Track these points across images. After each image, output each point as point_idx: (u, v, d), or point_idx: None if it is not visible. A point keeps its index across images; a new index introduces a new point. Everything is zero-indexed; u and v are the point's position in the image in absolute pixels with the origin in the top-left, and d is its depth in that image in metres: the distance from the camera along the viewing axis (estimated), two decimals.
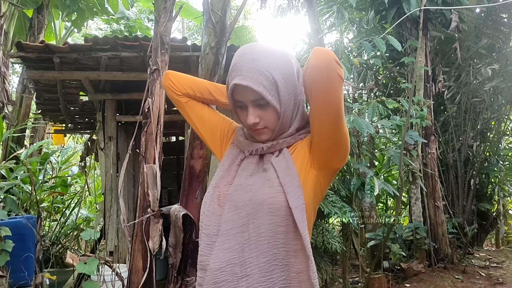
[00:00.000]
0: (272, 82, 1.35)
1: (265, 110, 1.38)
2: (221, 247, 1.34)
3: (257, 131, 1.42)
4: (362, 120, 4.10)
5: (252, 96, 1.36)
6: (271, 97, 1.35)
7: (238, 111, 1.44)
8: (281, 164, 1.37)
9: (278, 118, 1.39)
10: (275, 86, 1.36)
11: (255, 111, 1.38)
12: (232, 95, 1.41)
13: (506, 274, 5.59)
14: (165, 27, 3.18)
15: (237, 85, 1.36)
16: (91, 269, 3.10)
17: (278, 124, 1.40)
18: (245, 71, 1.35)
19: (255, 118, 1.38)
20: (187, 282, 2.87)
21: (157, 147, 3.18)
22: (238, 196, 1.37)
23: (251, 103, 1.37)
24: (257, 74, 1.34)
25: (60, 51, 4.72)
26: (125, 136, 5.95)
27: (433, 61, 6.53)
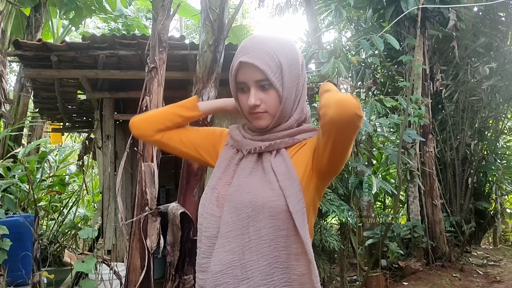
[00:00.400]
0: (277, 64, 1.36)
1: (267, 93, 1.37)
2: (221, 249, 1.34)
3: (256, 115, 1.39)
4: None
5: (256, 76, 1.36)
6: (275, 79, 1.36)
7: (239, 95, 1.42)
8: (281, 168, 1.35)
9: (280, 104, 1.39)
10: (280, 69, 1.36)
11: (257, 92, 1.37)
12: (235, 76, 1.40)
13: (503, 272, 5.60)
14: (163, 25, 3.17)
15: (243, 63, 1.36)
16: (89, 267, 3.10)
17: (279, 110, 1.38)
18: (252, 51, 1.36)
19: (256, 100, 1.36)
20: (185, 281, 2.86)
21: (155, 146, 3.17)
22: (238, 197, 1.35)
23: (254, 84, 1.37)
24: (263, 54, 1.35)
25: (57, 49, 4.70)
26: (123, 135, 5.93)
27: (431, 60, 6.54)
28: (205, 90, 2.91)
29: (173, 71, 4.92)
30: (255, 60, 1.35)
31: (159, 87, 3.18)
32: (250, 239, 1.32)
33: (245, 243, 1.32)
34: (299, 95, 1.43)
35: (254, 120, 1.41)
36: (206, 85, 2.92)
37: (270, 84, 1.36)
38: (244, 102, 1.41)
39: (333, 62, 4.39)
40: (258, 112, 1.38)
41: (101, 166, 5.64)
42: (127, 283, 3.14)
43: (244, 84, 1.39)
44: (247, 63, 1.36)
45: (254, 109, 1.38)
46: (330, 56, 4.73)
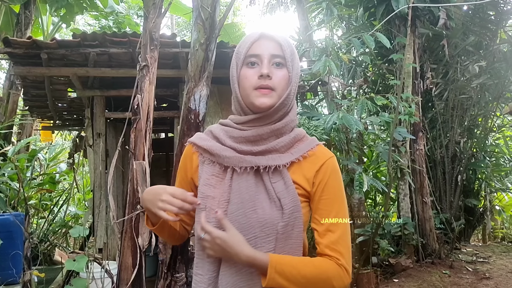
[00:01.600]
0: (292, 51, 1.40)
1: (280, 70, 1.37)
2: (228, 271, 1.32)
3: (264, 91, 1.34)
4: (351, 117, 4.13)
5: (273, 50, 1.37)
6: (290, 59, 1.38)
7: (246, 70, 1.38)
8: (280, 185, 1.33)
9: (287, 87, 1.38)
10: (293, 56, 1.40)
11: (270, 66, 1.36)
12: (248, 49, 1.38)
13: (492, 269, 5.66)
14: (155, 23, 3.17)
15: (264, 35, 1.39)
16: (80, 266, 3.10)
17: (286, 92, 1.37)
18: (272, 32, 1.41)
19: (269, 71, 1.34)
20: (177, 278, 2.87)
21: (146, 144, 3.17)
22: (243, 216, 1.32)
23: (268, 57, 1.36)
24: (283, 37, 1.40)
25: (47, 47, 4.68)
26: (114, 133, 5.92)
27: (421, 58, 6.57)
28: (197, 88, 2.91)
29: (164, 69, 4.93)
30: (277, 36, 1.39)
31: (150, 85, 3.18)
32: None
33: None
34: (295, 92, 1.43)
35: (259, 97, 1.34)
36: (198, 84, 2.92)
37: (283, 64, 1.37)
38: (250, 76, 1.36)
39: (324, 61, 4.41)
40: (266, 87, 1.34)
41: (92, 164, 5.62)
42: (119, 282, 3.14)
43: (257, 57, 1.37)
44: (269, 37, 1.39)
45: (265, 80, 1.34)
46: (321, 54, 4.75)
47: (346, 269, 1.31)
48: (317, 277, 1.27)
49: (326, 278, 1.28)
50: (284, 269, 1.25)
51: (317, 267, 1.29)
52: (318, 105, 7.55)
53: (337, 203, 1.38)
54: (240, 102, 1.39)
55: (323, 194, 1.36)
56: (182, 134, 2.93)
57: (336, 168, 1.41)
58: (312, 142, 1.43)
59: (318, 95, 6.76)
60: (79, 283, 3.16)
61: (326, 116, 4.40)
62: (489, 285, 5.07)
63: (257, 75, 1.34)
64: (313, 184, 1.37)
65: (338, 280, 1.30)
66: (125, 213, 3.21)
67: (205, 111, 2.92)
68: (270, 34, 1.39)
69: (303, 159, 1.38)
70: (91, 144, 5.51)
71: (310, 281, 1.26)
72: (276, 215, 1.30)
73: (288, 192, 1.32)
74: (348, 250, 1.35)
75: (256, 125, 1.38)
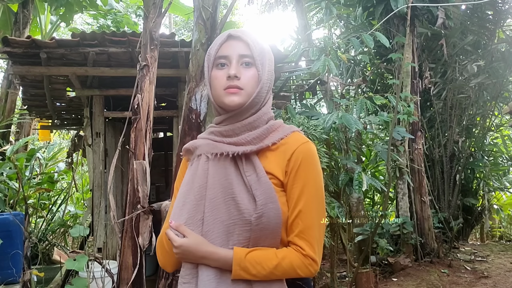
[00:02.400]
0: (261, 49, 1.42)
1: (248, 70, 1.39)
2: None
3: (232, 91, 1.36)
4: (351, 116, 4.13)
5: (241, 50, 1.39)
6: (258, 59, 1.40)
7: (215, 72, 1.41)
8: (253, 177, 1.33)
9: (257, 86, 1.39)
10: (263, 54, 1.42)
11: (238, 66, 1.38)
12: (217, 51, 1.42)
13: (491, 268, 5.68)
14: (155, 23, 3.17)
15: (231, 36, 1.41)
16: (81, 265, 3.09)
17: (256, 90, 1.38)
18: (240, 31, 1.43)
19: (237, 72, 1.37)
20: (178, 278, 2.88)
21: (146, 143, 3.18)
22: (222, 203, 1.34)
23: (237, 57, 1.39)
24: (250, 36, 1.42)
25: (47, 46, 4.67)
26: (113, 132, 5.92)
27: (420, 58, 6.59)
28: (198, 88, 2.91)
29: (163, 69, 4.92)
30: (244, 36, 1.41)
31: (150, 85, 3.18)
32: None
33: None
34: (270, 89, 1.45)
35: (228, 96, 1.37)
36: (199, 84, 2.92)
37: (252, 63, 1.39)
38: (220, 77, 1.39)
39: (324, 60, 4.41)
40: (235, 87, 1.36)
41: (91, 164, 5.62)
42: (119, 281, 3.14)
43: (226, 58, 1.40)
44: (236, 37, 1.41)
45: (233, 81, 1.36)
46: (321, 53, 4.75)
47: (313, 258, 1.32)
48: (281, 269, 1.30)
49: (290, 268, 1.30)
50: (248, 265, 1.28)
51: (281, 258, 1.30)
52: (316, 104, 7.56)
53: (308, 191, 1.36)
54: (213, 102, 1.44)
55: (294, 182, 1.35)
56: (183, 134, 2.93)
57: (310, 154, 1.39)
58: (285, 130, 1.43)
59: (317, 95, 6.77)
60: (80, 283, 3.16)
61: (325, 116, 4.40)
62: (487, 284, 5.09)
63: (226, 76, 1.38)
64: (286, 173, 1.37)
65: (304, 269, 1.32)
66: (125, 212, 3.21)
67: (206, 111, 2.92)
68: (237, 35, 1.41)
69: (277, 149, 1.39)
70: (90, 144, 5.51)
71: (274, 273, 1.29)
72: (252, 206, 1.30)
73: (260, 183, 1.32)
74: (316, 239, 1.35)
75: (230, 122, 1.42)
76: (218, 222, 1.32)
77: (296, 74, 6.37)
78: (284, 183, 1.37)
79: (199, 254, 1.31)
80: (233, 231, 1.31)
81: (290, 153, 1.37)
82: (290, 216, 1.35)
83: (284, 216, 1.33)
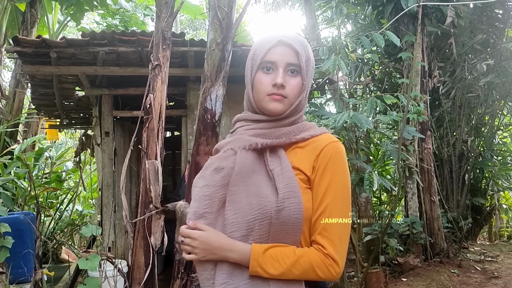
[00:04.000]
0: (308, 56, 1.41)
1: (294, 79, 1.38)
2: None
3: (277, 98, 1.36)
4: (362, 116, 4.11)
5: (290, 58, 1.38)
6: (304, 67, 1.39)
7: (260, 75, 1.39)
8: (282, 182, 1.31)
9: (300, 94, 1.40)
10: (309, 61, 1.41)
11: (284, 75, 1.38)
12: (265, 55, 1.39)
13: (501, 268, 5.64)
14: (167, 23, 3.16)
15: (282, 42, 1.38)
16: (93, 265, 3.10)
17: (299, 99, 1.39)
18: (289, 36, 1.41)
19: (284, 81, 1.36)
20: (193, 278, 2.86)
21: (159, 143, 3.17)
22: (244, 198, 1.32)
23: (283, 66, 1.37)
24: (299, 43, 1.41)
25: (57, 45, 4.67)
26: (121, 131, 5.92)
27: (429, 57, 6.56)
28: (213, 88, 2.90)
29: (172, 68, 4.90)
30: (294, 43, 1.38)
31: (162, 85, 3.17)
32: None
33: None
34: (308, 95, 1.46)
35: (271, 102, 1.37)
36: (214, 84, 2.91)
37: (298, 71, 1.38)
38: (266, 82, 1.38)
39: (334, 59, 4.39)
40: (280, 95, 1.36)
41: (99, 163, 5.63)
42: (131, 281, 3.14)
43: (273, 63, 1.38)
44: (287, 44, 1.38)
45: (278, 89, 1.36)
46: (330, 53, 4.73)
47: (334, 259, 1.28)
48: (300, 267, 1.27)
49: (309, 268, 1.27)
50: (266, 261, 1.26)
51: (300, 256, 1.27)
52: (324, 104, 7.54)
53: (335, 187, 1.33)
54: (253, 104, 1.43)
55: (321, 178, 1.33)
56: (199, 134, 2.92)
57: (339, 152, 1.37)
58: (317, 130, 1.43)
59: (326, 94, 6.75)
60: (92, 282, 3.16)
61: (336, 115, 4.39)
62: (498, 285, 5.06)
63: (271, 82, 1.37)
64: (313, 168, 1.35)
65: (324, 269, 1.27)
66: (137, 212, 3.21)
67: (221, 110, 2.91)
68: (288, 41, 1.38)
69: (307, 146, 1.39)
70: (99, 143, 5.51)
71: (292, 271, 1.26)
72: (274, 198, 1.29)
73: (283, 176, 1.31)
74: (340, 239, 1.31)
75: (267, 126, 1.42)
76: (239, 217, 1.30)
77: None
78: (311, 179, 1.35)
79: (217, 245, 1.29)
80: (253, 227, 1.29)
81: (319, 149, 1.36)
82: (314, 214, 1.32)
83: (307, 213, 1.31)
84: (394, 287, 5.06)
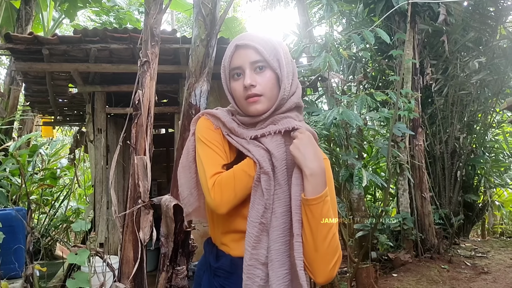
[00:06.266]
0: (272, 47, 1.41)
1: (262, 75, 1.39)
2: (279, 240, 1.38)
3: (253, 99, 1.38)
4: (351, 112, 4.14)
5: (251, 57, 1.39)
6: (271, 58, 1.39)
7: (233, 84, 1.42)
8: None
9: (278, 86, 1.41)
10: (275, 51, 1.41)
11: (252, 74, 1.39)
12: (230, 63, 1.42)
13: (491, 264, 5.69)
14: (155, 19, 3.19)
15: (239, 46, 1.41)
16: (82, 259, 3.12)
17: (279, 91, 1.40)
18: (246, 36, 1.43)
19: (252, 80, 1.37)
20: (178, 271, 2.90)
21: (147, 139, 3.19)
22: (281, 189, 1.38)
23: (249, 66, 1.39)
24: (258, 39, 1.41)
25: (49, 42, 4.69)
26: (114, 128, 5.95)
27: (421, 54, 6.59)
28: (198, 84, 2.93)
29: (165, 65, 4.95)
30: (250, 42, 1.40)
31: (151, 81, 3.19)
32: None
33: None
34: (295, 80, 1.45)
35: (250, 105, 1.39)
36: (198, 79, 2.94)
37: (266, 66, 1.39)
38: (238, 89, 1.41)
39: (325, 56, 4.42)
40: (254, 95, 1.38)
41: (93, 160, 5.65)
42: (120, 275, 3.17)
43: (239, 68, 1.41)
44: (243, 45, 1.40)
45: (250, 90, 1.37)
46: (322, 50, 4.76)
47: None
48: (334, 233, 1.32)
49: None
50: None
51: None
52: (317, 101, 7.57)
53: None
54: (238, 111, 1.46)
55: None
56: (183, 129, 2.95)
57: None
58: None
59: (318, 91, 6.78)
60: (81, 277, 3.19)
61: (326, 112, 4.42)
62: (487, 280, 5.11)
63: (242, 86, 1.39)
64: None
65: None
66: (127, 207, 3.24)
67: (205, 106, 2.94)
68: (244, 42, 1.40)
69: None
70: (92, 140, 5.54)
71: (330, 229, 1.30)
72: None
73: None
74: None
75: (265, 121, 1.43)
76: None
77: (297, 71, 6.36)
78: None
79: (315, 148, 1.35)
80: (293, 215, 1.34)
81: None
82: None
83: None
84: (384, 282, 5.10)
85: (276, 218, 1.35)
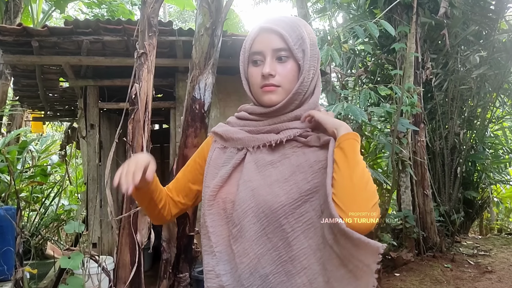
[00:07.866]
0: (299, 35, 1.28)
1: (284, 65, 1.27)
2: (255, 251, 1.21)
3: (269, 89, 1.27)
4: (356, 107, 4.00)
5: (274, 44, 1.26)
6: (296, 48, 1.26)
7: (251, 69, 1.31)
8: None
9: (298, 78, 1.27)
10: (302, 40, 1.28)
11: (272, 62, 1.26)
12: (251, 46, 1.30)
13: (494, 262, 5.59)
14: (153, 8, 3.00)
15: (263, 28, 1.28)
16: (76, 264, 2.95)
17: (298, 83, 1.27)
18: (272, 20, 1.29)
19: (271, 69, 1.25)
20: (180, 279, 2.73)
21: (145, 135, 3.02)
22: (258, 198, 1.22)
23: (271, 53, 1.26)
24: (285, 24, 1.28)
25: (38, 34, 4.48)
26: (108, 124, 5.75)
27: (422, 48, 6.45)
28: (202, 76, 2.75)
29: (160, 58, 4.74)
30: (276, 26, 1.26)
31: (149, 74, 3.01)
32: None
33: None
34: (316, 78, 1.32)
35: (265, 95, 1.28)
36: (202, 72, 2.75)
37: (289, 56, 1.26)
38: (255, 75, 1.29)
39: (327, 50, 4.27)
40: (271, 85, 1.26)
41: (85, 157, 5.47)
42: (116, 280, 2.99)
43: (260, 54, 1.28)
44: (267, 29, 1.27)
45: (268, 79, 1.26)
46: (323, 43, 4.61)
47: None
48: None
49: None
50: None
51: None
52: None
53: None
54: (251, 98, 1.36)
55: None
56: (186, 125, 2.77)
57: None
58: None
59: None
60: (75, 282, 3.01)
61: (330, 107, 4.27)
62: (492, 279, 4.99)
63: (260, 74, 1.28)
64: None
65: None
66: (122, 207, 3.06)
67: (210, 100, 2.76)
68: (269, 26, 1.27)
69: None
70: (84, 136, 5.34)
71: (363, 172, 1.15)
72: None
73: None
74: None
75: (272, 116, 1.31)
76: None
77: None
78: None
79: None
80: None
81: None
82: None
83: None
84: (387, 282, 4.97)
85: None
